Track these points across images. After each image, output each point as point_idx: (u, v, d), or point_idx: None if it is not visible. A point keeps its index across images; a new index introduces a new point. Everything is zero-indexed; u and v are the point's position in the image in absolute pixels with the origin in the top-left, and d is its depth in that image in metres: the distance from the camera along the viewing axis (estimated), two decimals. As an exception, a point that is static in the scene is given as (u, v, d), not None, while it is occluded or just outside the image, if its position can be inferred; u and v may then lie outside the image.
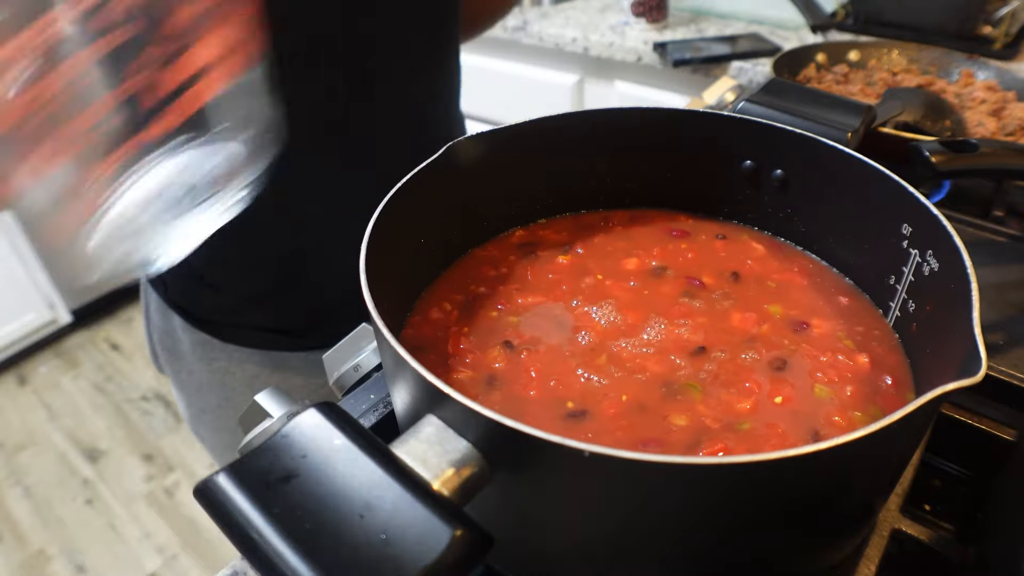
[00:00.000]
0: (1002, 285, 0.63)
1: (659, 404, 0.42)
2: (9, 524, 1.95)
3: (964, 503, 0.53)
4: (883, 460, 0.35)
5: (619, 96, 1.56)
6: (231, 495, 0.27)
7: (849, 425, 0.41)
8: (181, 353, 0.85)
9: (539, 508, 0.34)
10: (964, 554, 0.44)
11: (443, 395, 0.30)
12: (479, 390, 0.44)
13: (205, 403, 0.87)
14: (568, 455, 0.28)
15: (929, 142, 0.56)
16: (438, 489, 0.29)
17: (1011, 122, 0.89)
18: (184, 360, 0.86)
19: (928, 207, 0.42)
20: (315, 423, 0.29)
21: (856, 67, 1.09)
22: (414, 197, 0.47)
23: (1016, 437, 0.51)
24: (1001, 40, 1.24)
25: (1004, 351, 0.54)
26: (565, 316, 0.50)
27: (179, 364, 0.86)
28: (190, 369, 0.86)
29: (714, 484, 0.30)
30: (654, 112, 0.55)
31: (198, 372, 0.85)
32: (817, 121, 0.53)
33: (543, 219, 0.60)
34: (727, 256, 0.56)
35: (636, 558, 0.34)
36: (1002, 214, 0.76)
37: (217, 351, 0.83)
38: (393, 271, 0.45)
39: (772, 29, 1.48)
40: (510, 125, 0.52)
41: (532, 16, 1.62)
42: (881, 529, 0.44)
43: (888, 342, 0.48)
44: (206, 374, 0.85)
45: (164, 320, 0.85)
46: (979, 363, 0.30)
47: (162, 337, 0.87)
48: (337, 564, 0.25)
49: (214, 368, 0.84)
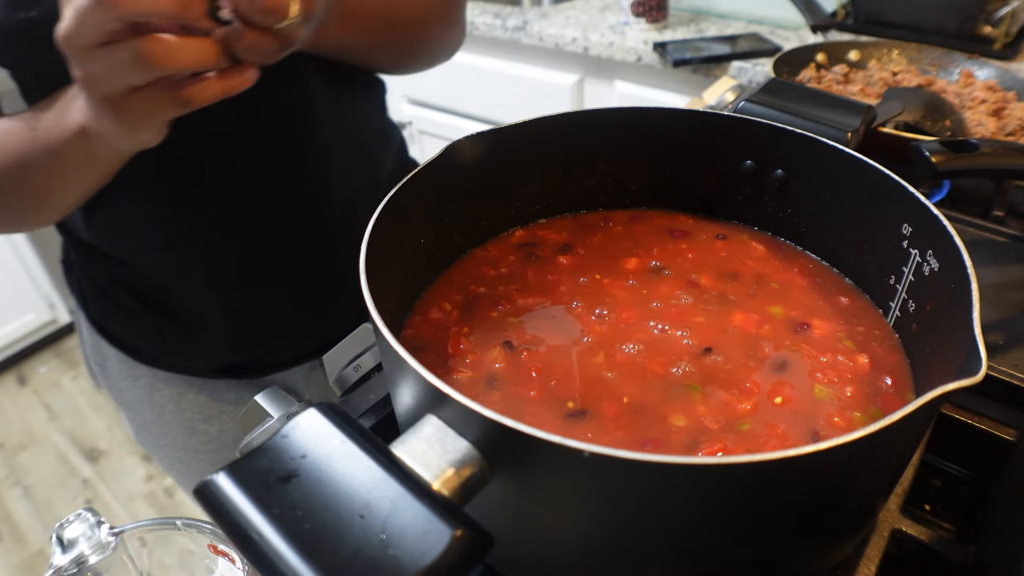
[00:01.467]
0: (1002, 285, 0.63)
1: (659, 404, 0.42)
2: (9, 524, 1.95)
3: (964, 503, 0.53)
4: (883, 460, 0.35)
5: (619, 96, 1.56)
6: (231, 495, 0.27)
7: (848, 426, 0.41)
8: (110, 370, 0.83)
9: (539, 508, 0.34)
10: (964, 554, 0.44)
11: (443, 395, 0.30)
12: (479, 390, 0.44)
13: (142, 419, 0.84)
14: (568, 455, 0.28)
15: (929, 142, 0.56)
16: (438, 489, 0.29)
17: (1011, 122, 0.89)
18: (113, 377, 0.83)
19: (928, 207, 0.42)
20: (315, 423, 0.29)
21: (856, 67, 1.09)
22: (414, 197, 0.47)
23: (1016, 437, 0.51)
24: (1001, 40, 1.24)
25: (1004, 351, 0.54)
26: (565, 316, 0.50)
27: (110, 381, 0.84)
28: (120, 386, 0.83)
29: (714, 484, 0.30)
30: (654, 112, 0.55)
31: (127, 389, 0.83)
32: (817, 121, 0.53)
33: (543, 219, 0.60)
34: (727, 256, 0.56)
35: (636, 558, 0.34)
36: (1002, 214, 0.76)
37: (141, 368, 0.80)
38: (393, 271, 0.45)
39: (772, 29, 1.48)
40: (510, 125, 0.52)
41: (532, 16, 1.62)
42: (881, 529, 0.44)
43: (888, 342, 0.48)
44: (135, 391, 0.82)
45: (93, 336, 0.82)
46: (979, 363, 0.30)
47: (93, 352, 0.84)
48: (337, 564, 0.25)
49: (140, 385, 0.81)
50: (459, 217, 0.54)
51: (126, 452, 2.14)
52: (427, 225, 0.51)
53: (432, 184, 0.48)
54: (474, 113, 1.84)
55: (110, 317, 0.79)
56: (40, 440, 2.19)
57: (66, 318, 2.48)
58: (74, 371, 2.43)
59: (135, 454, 2.13)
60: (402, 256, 0.48)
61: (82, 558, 0.39)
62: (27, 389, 2.37)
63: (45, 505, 1.99)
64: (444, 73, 1.80)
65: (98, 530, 0.39)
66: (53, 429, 2.22)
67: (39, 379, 2.41)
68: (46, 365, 2.46)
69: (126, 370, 0.81)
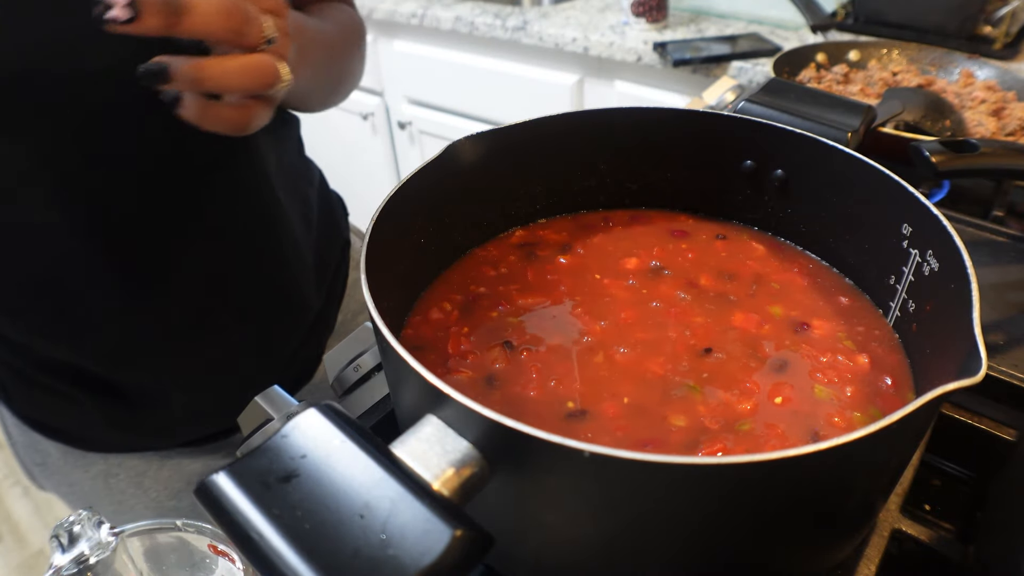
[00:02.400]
0: (1002, 285, 0.63)
1: (659, 404, 0.42)
2: (9, 524, 1.95)
3: (964, 503, 0.53)
4: (883, 460, 0.35)
5: (619, 96, 1.56)
6: (231, 495, 0.27)
7: (848, 426, 0.41)
8: (53, 467, 0.74)
9: (539, 508, 0.34)
10: (964, 554, 0.44)
11: (443, 395, 0.30)
12: (479, 390, 0.44)
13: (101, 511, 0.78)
14: (568, 455, 0.28)
15: (929, 142, 0.56)
16: (438, 489, 0.29)
17: (1011, 122, 0.89)
18: (59, 473, 0.74)
19: (928, 207, 0.42)
20: (315, 423, 0.29)
21: (856, 67, 1.09)
22: (414, 197, 0.47)
23: (1016, 437, 0.51)
24: (1001, 40, 1.24)
25: (1004, 351, 0.54)
26: (565, 316, 0.50)
27: (55, 479, 0.75)
28: (69, 481, 0.74)
29: (713, 484, 0.30)
30: (654, 112, 0.55)
31: (79, 482, 0.74)
32: (817, 121, 0.53)
33: (543, 219, 0.60)
34: (727, 256, 0.56)
35: (636, 558, 0.34)
36: (1002, 214, 0.76)
37: (91, 455, 0.72)
38: (393, 271, 0.45)
39: (772, 29, 1.48)
40: (510, 125, 0.52)
41: (532, 16, 1.62)
42: (881, 529, 0.44)
43: (888, 342, 0.48)
44: (88, 483, 0.74)
45: (24, 435, 0.74)
46: (979, 363, 0.30)
47: (28, 452, 0.75)
48: (337, 564, 0.25)
49: (93, 475, 0.73)
50: (459, 217, 0.54)
51: (126, 452, 2.14)
52: (427, 225, 0.51)
53: (432, 184, 0.48)
54: (474, 113, 1.84)
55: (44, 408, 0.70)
56: (40, 440, 2.19)
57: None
58: (74, 371, 2.42)
59: (135, 454, 2.13)
60: (402, 256, 0.48)
61: (82, 558, 0.39)
62: (27, 389, 2.37)
63: (45, 505, 1.99)
64: (444, 73, 1.80)
65: (98, 530, 0.39)
66: (53, 429, 2.22)
67: (39, 379, 2.40)
68: (46, 365, 2.45)
69: (74, 461, 0.73)
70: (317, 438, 0.29)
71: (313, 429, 0.29)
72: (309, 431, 0.29)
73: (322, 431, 0.29)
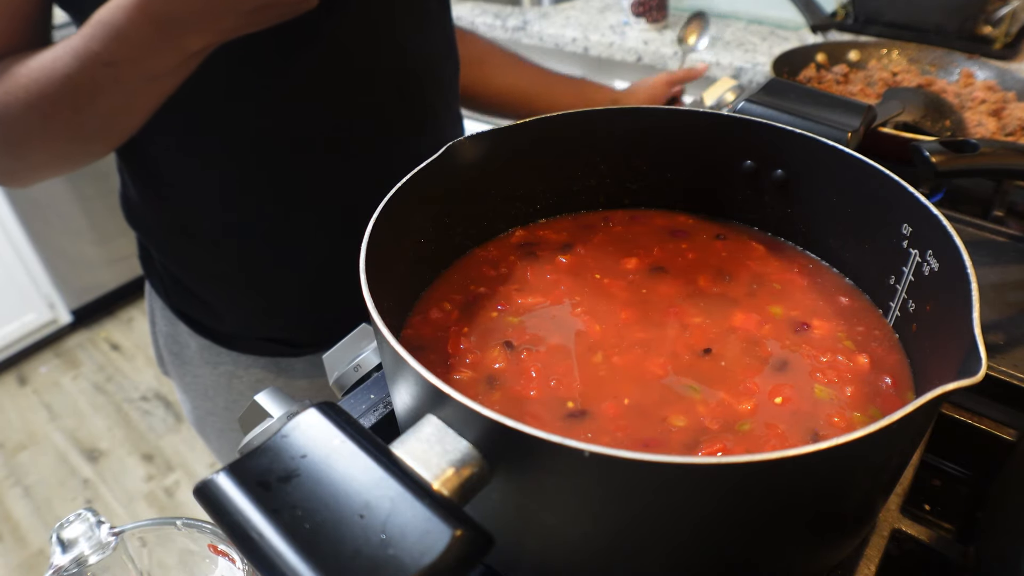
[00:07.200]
0: (1002, 285, 0.63)
1: (658, 404, 0.42)
2: (9, 524, 1.95)
3: (964, 503, 0.53)
4: (883, 460, 0.35)
5: (619, 96, 1.56)
6: (231, 495, 0.27)
7: (848, 426, 0.41)
8: (187, 357, 0.86)
9: (539, 508, 0.34)
10: (964, 554, 0.44)
11: (443, 395, 0.30)
12: (479, 390, 0.44)
13: (212, 406, 0.87)
14: (568, 455, 0.28)
15: (929, 142, 0.56)
16: (438, 489, 0.29)
17: (1011, 122, 0.89)
18: (190, 364, 0.86)
19: (928, 207, 0.42)
20: (315, 423, 0.29)
21: (856, 67, 1.09)
22: (414, 197, 0.47)
23: (1016, 437, 0.51)
24: (1001, 40, 1.24)
25: (1004, 351, 0.54)
26: (565, 316, 0.50)
27: (185, 368, 0.87)
28: (196, 373, 0.86)
29: (713, 484, 0.30)
30: (654, 112, 0.55)
31: (204, 376, 0.86)
32: (817, 121, 0.53)
33: (543, 219, 0.60)
34: (727, 256, 0.56)
35: (636, 558, 0.34)
36: (1002, 214, 0.76)
37: (223, 355, 0.84)
38: (393, 271, 0.45)
39: (772, 29, 1.48)
40: (510, 125, 0.52)
41: (532, 16, 1.62)
42: (881, 529, 0.44)
43: (888, 342, 0.48)
44: (212, 377, 0.85)
45: (169, 325, 0.86)
46: (979, 363, 0.30)
47: (167, 341, 0.87)
48: (337, 564, 0.25)
49: (220, 372, 0.85)
50: (459, 217, 0.54)
51: (126, 452, 2.14)
52: (427, 225, 0.51)
53: (432, 184, 0.48)
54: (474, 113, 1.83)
55: (193, 306, 0.82)
56: (40, 440, 2.19)
57: (66, 318, 2.48)
58: (74, 371, 2.43)
59: (135, 454, 2.13)
60: (402, 256, 0.48)
61: (82, 558, 0.39)
62: (27, 389, 2.37)
63: (45, 505, 1.99)
64: (444, 73, 1.79)
65: (98, 530, 0.39)
66: (53, 429, 2.22)
67: (39, 379, 2.41)
68: (46, 365, 2.46)
69: (207, 356, 0.84)
70: (317, 438, 0.29)
71: (313, 429, 0.29)
72: (309, 431, 0.29)
73: (322, 431, 0.29)
